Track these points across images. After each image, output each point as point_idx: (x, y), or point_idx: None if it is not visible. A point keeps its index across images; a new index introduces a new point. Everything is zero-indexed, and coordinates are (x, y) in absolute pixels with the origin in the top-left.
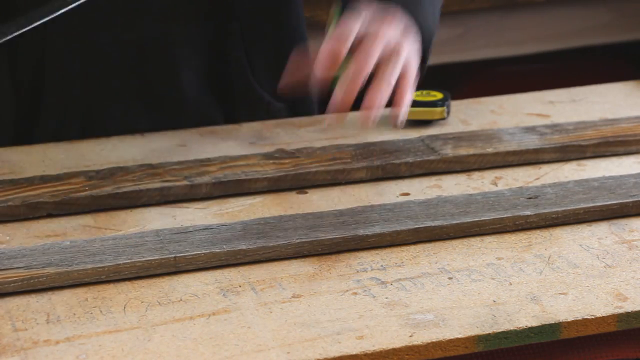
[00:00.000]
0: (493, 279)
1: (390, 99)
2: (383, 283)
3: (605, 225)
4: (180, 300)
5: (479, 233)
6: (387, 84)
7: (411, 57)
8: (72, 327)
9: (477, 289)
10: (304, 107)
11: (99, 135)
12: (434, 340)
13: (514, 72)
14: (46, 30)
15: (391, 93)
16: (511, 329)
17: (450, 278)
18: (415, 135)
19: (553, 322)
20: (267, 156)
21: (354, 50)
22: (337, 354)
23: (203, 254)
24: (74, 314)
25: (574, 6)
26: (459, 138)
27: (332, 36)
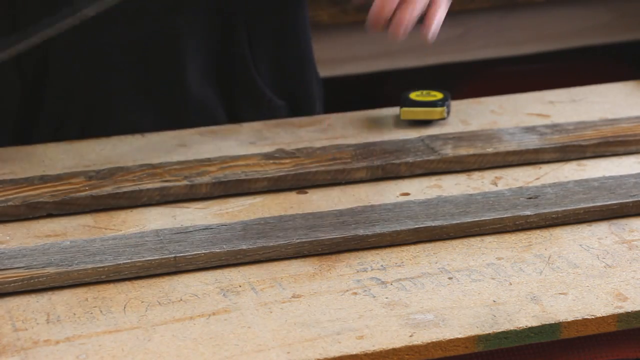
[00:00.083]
0: (493, 279)
1: (421, 18)
2: (383, 283)
3: (605, 225)
4: (181, 300)
5: (479, 233)
6: (419, 3)
7: None
8: (72, 327)
9: (477, 289)
10: (304, 105)
11: (100, 134)
12: (434, 340)
13: (514, 72)
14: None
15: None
16: (511, 329)
17: (450, 278)
18: (415, 135)
19: (553, 322)
20: (267, 156)
21: None
22: (337, 354)
23: (203, 253)
24: (74, 314)
25: (574, 6)
26: (459, 138)
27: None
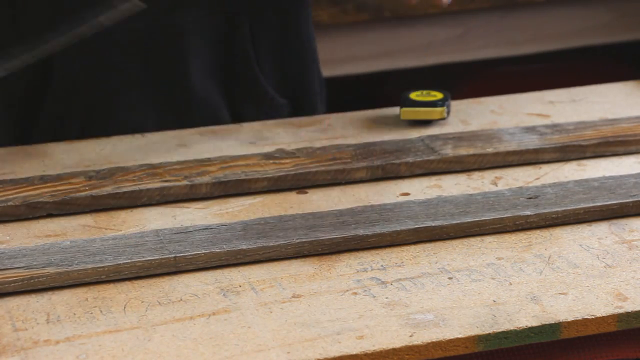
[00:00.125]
0: (493, 279)
1: None
2: (383, 283)
3: (605, 225)
4: (181, 300)
5: (479, 233)
6: None
7: None
8: (72, 327)
9: (477, 289)
10: (306, 105)
11: (102, 132)
12: (434, 340)
13: (514, 72)
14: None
15: None
16: (511, 329)
17: (450, 278)
18: (415, 135)
19: (553, 322)
20: (267, 156)
21: None
22: (337, 354)
23: (203, 253)
24: (74, 314)
25: (574, 6)
26: (459, 138)
27: None
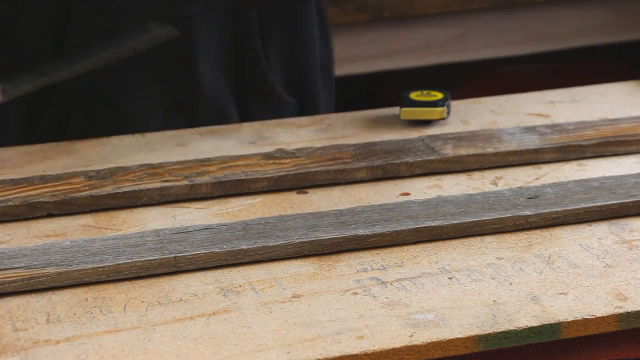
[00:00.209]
0: (493, 279)
1: None
2: (383, 283)
3: (605, 225)
4: (181, 300)
5: (479, 233)
6: None
7: None
8: (72, 327)
9: (477, 289)
10: (309, 104)
11: (110, 126)
12: (434, 340)
13: (514, 72)
14: (70, 12)
15: None
16: (511, 329)
17: (450, 278)
18: (415, 135)
19: (553, 322)
20: (267, 156)
21: None
22: (337, 354)
23: (203, 253)
24: (74, 314)
25: (574, 6)
26: (459, 138)
27: None
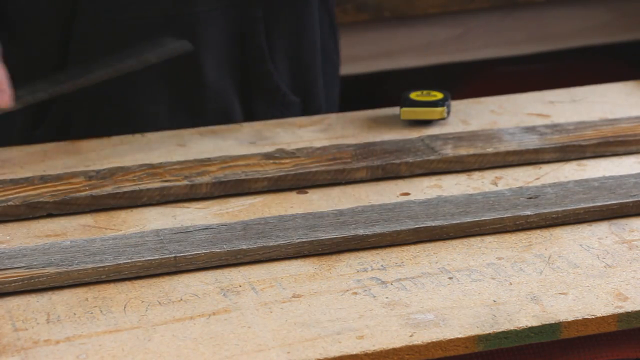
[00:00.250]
0: (493, 278)
1: None
2: (383, 283)
3: (605, 225)
4: (181, 300)
5: (479, 233)
6: None
7: None
8: (73, 327)
9: (477, 289)
10: (315, 103)
11: (115, 122)
12: (434, 340)
13: (514, 72)
14: (75, 8)
15: None
16: (511, 328)
17: (450, 278)
18: (415, 135)
19: (553, 322)
20: (267, 156)
21: None
22: (337, 354)
23: (203, 253)
24: (74, 314)
25: (574, 6)
26: (459, 138)
27: None
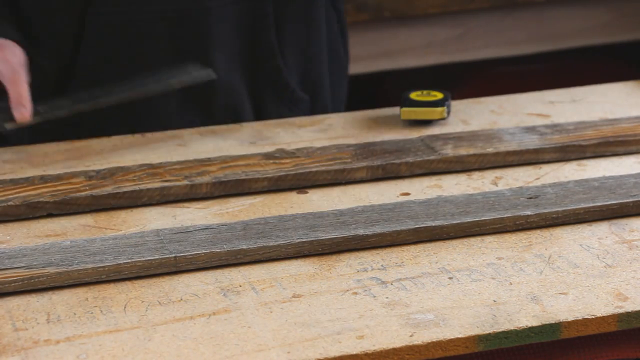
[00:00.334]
0: (493, 278)
1: None
2: (383, 283)
3: (605, 225)
4: (181, 300)
5: (479, 233)
6: None
7: None
8: (73, 327)
9: (478, 289)
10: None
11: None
12: (434, 340)
13: (514, 72)
14: (88, 4)
15: None
16: (511, 328)
17: (450, 278)
18: (415, 135)
19: (553, 322)
20: (267, 156)
21: None
22: (338, 354)
23: (203, 253)
24: (75, 314)
25: (574, 6)
26: (459, 138)
27: None
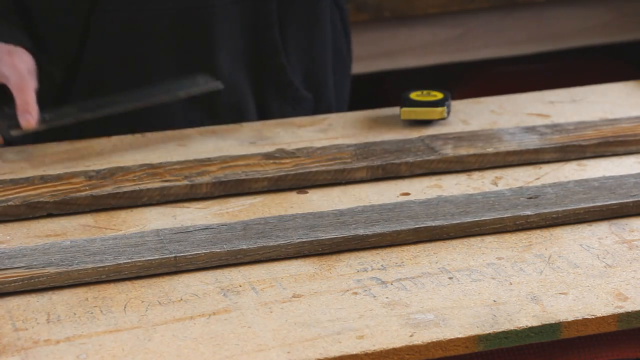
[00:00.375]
0: (493, 278)
1: None
2: (383, 283)
3: (605, 225)
4: (181, 300)
5: (479, 233)
6: None
7: None
8: (73, 327)
9: (478, 289)
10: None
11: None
12: (434, 340)
13: (514, 72)
14: (94, 2)
15: None
16: (511, 328)
17: (450, 278)
18: (415, 135)
19: (553, 322)
20: (267, 156)
21: None
22: (338, 354)
23: (203, 253)
24: (75, 314)
25: (574, 6)
26: (459, 138)
27: None
